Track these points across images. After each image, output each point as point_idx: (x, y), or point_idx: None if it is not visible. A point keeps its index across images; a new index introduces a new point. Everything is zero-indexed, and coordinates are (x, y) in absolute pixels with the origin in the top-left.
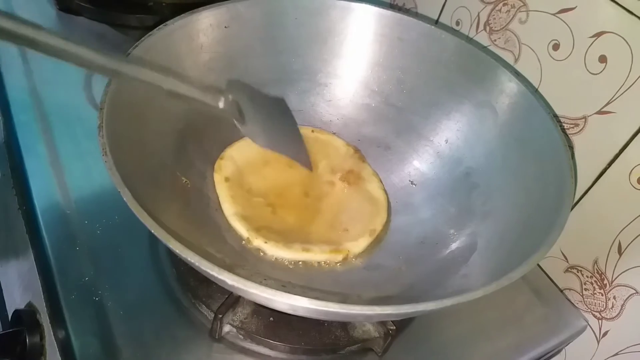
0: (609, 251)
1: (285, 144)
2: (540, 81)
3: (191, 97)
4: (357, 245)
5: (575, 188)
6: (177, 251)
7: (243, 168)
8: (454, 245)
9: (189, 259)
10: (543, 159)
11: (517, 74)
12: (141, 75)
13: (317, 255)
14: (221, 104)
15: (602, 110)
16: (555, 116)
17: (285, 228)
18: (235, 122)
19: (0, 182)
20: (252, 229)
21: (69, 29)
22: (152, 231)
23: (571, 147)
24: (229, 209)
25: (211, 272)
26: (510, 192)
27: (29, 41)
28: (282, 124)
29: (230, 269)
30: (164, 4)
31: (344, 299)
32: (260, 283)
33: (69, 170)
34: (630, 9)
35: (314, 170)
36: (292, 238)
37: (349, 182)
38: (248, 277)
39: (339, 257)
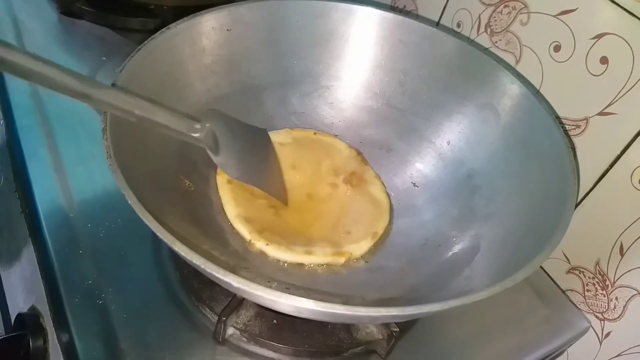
0: (611, 252)
1: (261, 176)
2: (542, 83)
3: (165, 126)
4: (360, 247)
5: (579, 190)
6: (183, 254)
7: None
8: (456, 247)
9: (194, 262)
10: (545, 161)
11: (519, 76)
12: (112, 100)
13: (319, 257)
14: (196, 134)
15: (604, 111)
16: (557, 117)
17: (288, 230)
18: (209, 151)
19: (2, 185)
20: (254, 231)
21: (71, 33)
22: (158, 234)
23: (573, 149)
24: (232, 211)
25: (216, 275)
26: (512, 193)
27: None
28: (260, 155)
29: (233, 271)
30: (165, 7)
31: (347, 301)
32: (265, 285)
33: (71, 173)
34: (632, 11)
35: (316, 172)
36: (294, 240)
37: (352, 185)
38: (252, 279)
39: (341, 260)
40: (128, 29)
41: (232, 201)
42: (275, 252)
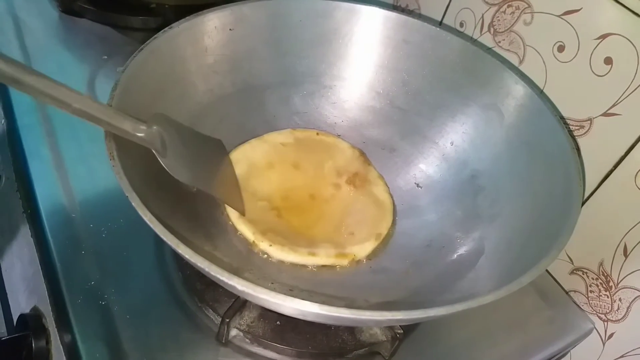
0: (615, 253)
1: (213, 183)
2: (545, 83)
3: (104, 121)
4: (363, 249)
5: (584, 191)
6: (187, 256)
7: (248, 171)
8: (461, 249)
9: (198, 264)
10: (550, 162)
11: (523, 76)
12: (46, 88)
13: (322, 259)
14: (141, 134)
15: (608, 112)
16: (562, 118)
17: (291, 231)
18: (155, 152)
19: (4, 185)
20: (258, 232)
21: (72, 31)
22: (161, 236)
23: (577, 149)
24: (235, 212)
25: (221, 277)
26: (517, 195)
27: None
28: (213, 164)
29: (237, 272)
30: (167, 6)
31: (351, 304)
32: (269, 288)
33: (73, 173)
34: (636, 11)
35: (319, 172)
36: (297, 242)
37: (355, 185)
38: (255, 281)
39: (345, 261)
40: (129, 28)
41: None
42: (279, 253)
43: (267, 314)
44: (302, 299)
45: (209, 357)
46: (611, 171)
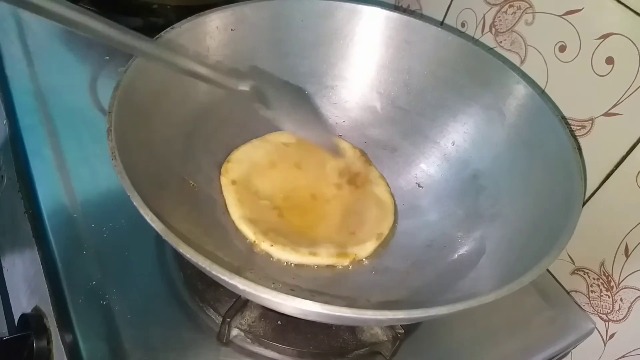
0: (616, 253)
1: (311, 130)
2: (547, 83)
3: (212, 79)
4: (364, 248)
5: (585, 191)
6: (188, 255)
7: (250, 171)
8: (462, 249)
9: (199, 264)
10: (551, 162)
11: (524, 76)
12: (163, 54)
13: (324, 259)
14: (242, 86)
15: (609, 112)
16: (563, 118)
17: (292, 230)
18: (260, 106)
19: (6, 185)
20: (259, 232)
21: (74, 32)
22: (163, 236)
23: (578, 149)
24: (236, 212)
25: (222, 277)
26: (518, 195)
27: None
28: (306, 111)
29: (238, 272)
30: (169, 7)
31: (352, 303)
32: (270, 287)
33: (75, 173)
34: (638, 11)
35: (320, 172)
36: (299, 241)
37: (356, 185)
38: (257, 281)
39: (346, 262)
40: (132, 29)
41: (236, 202)
42: (280, 253)
43: (268, 314)
44: (304, 299)
45: (210, 357)
46: (612, 171)
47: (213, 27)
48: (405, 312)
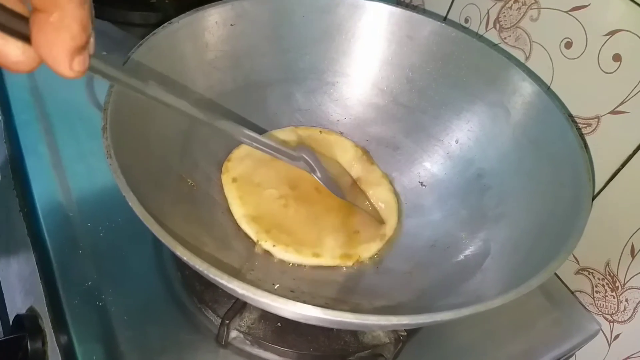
0: (622, 253)
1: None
2: (552, 80)
3: (273, 147)
4: (368, 249)
5: (593, 191)
6: (185, 258)
7: (251, 167)
8: (466, 250)
9: (197, 266)
10: (558, 161)
11: (530, 73)
12: (229, 128)
13: (327, 260)
14: (299, 161)
15: (616, 110)
16: (570, 116)
17: (297, 224)
18: (311, 173)
19: (1, 183)
20: (261, 231)
21: None
22: (159, 238)
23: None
24: (238, 211)
25: (220, 280)
26: (524, 195)
27: None
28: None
29: (238, 274)
30: (166, 1)
31: (356, 307)
32: (270, 290)
33: (71, 171)
34: None
35: None
36: (303, 238)
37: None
38: (257, 283)
39: (349, 263)
40: (129, 23)
41: (238, 200)
42: (282, 254)
43: (268, 316)
44: (304, 302)
45: (208, 359)
46: (619, 170)
47: (212, 22)
48: (410, 318)
